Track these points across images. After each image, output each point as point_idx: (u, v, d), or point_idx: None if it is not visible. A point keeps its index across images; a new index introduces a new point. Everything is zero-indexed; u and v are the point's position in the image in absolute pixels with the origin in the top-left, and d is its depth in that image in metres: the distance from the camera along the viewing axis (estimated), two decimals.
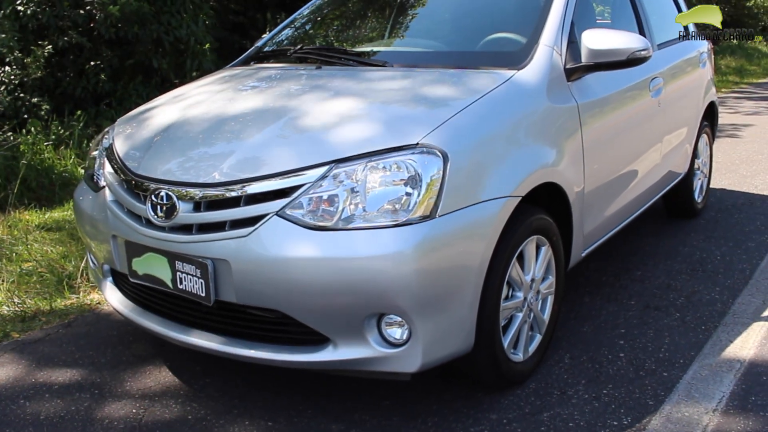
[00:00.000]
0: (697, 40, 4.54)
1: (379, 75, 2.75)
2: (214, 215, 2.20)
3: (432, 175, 2.10)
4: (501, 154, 2.34)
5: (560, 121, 2.66)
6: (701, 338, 2.93)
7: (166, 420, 2.44)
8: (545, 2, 2.90)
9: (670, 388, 2.54)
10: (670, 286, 3.49)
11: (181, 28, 7.74)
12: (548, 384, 2.59)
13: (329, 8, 3.70)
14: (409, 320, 2.08)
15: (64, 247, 4.33)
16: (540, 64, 2.64)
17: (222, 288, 2.20)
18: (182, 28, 7.74)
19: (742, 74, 16.43)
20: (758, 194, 5.26)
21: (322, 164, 2.13)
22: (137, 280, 2.46)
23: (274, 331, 2.26)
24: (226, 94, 2.80)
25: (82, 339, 3.12)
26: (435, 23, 3.28)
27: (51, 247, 4.31)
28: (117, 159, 2.58)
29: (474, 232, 2.17)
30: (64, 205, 5.42)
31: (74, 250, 4.27)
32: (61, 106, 7.33)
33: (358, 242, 2.05)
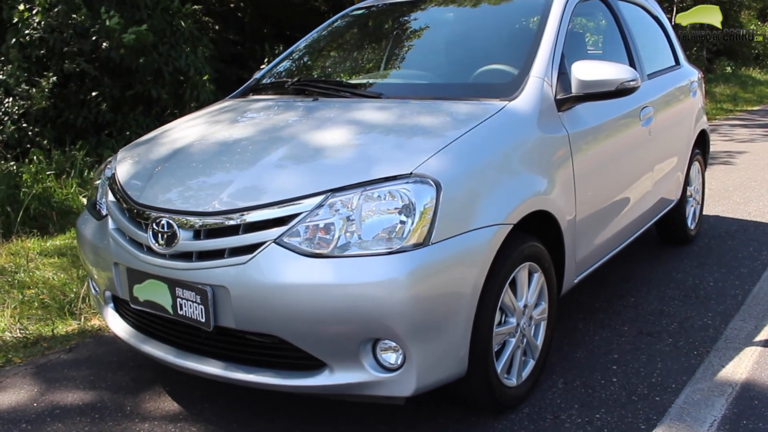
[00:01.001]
0: (688, 70, 4.65)
1: (374, 106, 2.84)
2: (213, 243, 2.26)
3: (425, 204, 2.16)
4: (493, 182, 2.41)
5: (551, 151, 2.73)
6: (693, 363, 2.97)
7: None
8: (535, 35, 3.00)
9: (662, 413, 2.57)
10: (663, 312, 3.54)
11: (180, 58, 7.88)
12: (541, 408, 2.63)
13: (325, 41, 3.80)
14: (403, 345, 2.13)
15: (66, 274, 4.38)
16: (531, 95, 2.73)
17: (221, 314, 2.26)
18: (181, 58, 7.88)
19: (736, 101, 16.61)
20: (751, 221, 5.33)
21: (319, 193, 2.19)
22: (138, 306, 2.51)
23: (271, 356, 2.30)
24: (226, 125, 2.88)
25: (84, 364, 3.16)
26: (428, 56, 3.37)
27: (52, 274, 4.37)
28: (119, 188, 2.65)
29: (466, 259, 2.23)
30: (65, 233, 5.48)
31: (75, 276, 4.33)
32: (63, 135, 7.44)
33: (353, 269, 2.11)
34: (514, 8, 3.43)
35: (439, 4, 3.63)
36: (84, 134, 7.63)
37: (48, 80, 6.97)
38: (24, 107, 6.92)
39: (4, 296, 3.98)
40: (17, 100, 6.90)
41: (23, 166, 6.42)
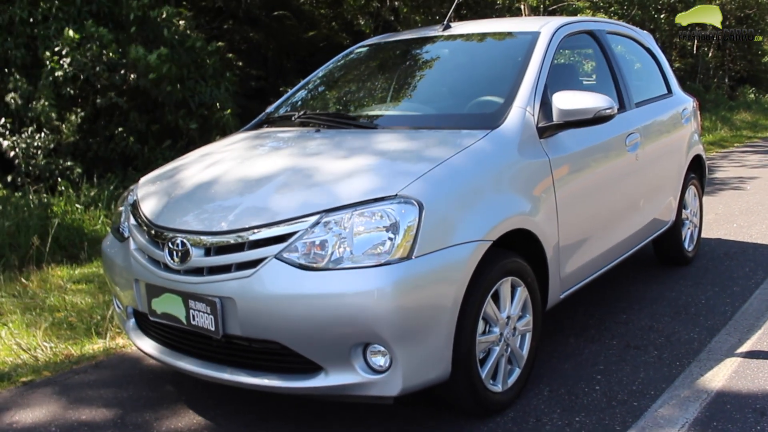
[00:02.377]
0: (682, 98, 4.86)
1: (369, 136, 3.12)
2: (221, 259, 2.53)
3: (409, 222, 2.41)
4: (472, 203, 2.65)
5: (532, 174, 2.97)
6: (674, 372, 3.15)
7: None
8: (520, 68, 3.25)
9: (638, 416, 2.76)
10: (652, 328, 3.72)
11: (205, 93, 8.27)
12: (525, 413, 2.83)
13: (330, 77, 4.10)
14: (389, 349, 2.36)
15: (93, 299, 4.68)
16: (513, 124, 2.98)
17: (229, 323, 2.51)
18: (206, 93, 8.27)
19: (756, 129, 16.66)
20: (752, 243, 5.47)
21: (314, 213, 2.46)
22: (156, 318, 2.78)
23: (274, 361, 2.55)
24: (236, 155, 3.17)
25: (108, 378, 3.43)
26: (422, 89, 3.65)
27: (80, 299, 4.66)
28: (140, 212, 2.94)
29: (446, 272, 2.47)
30: (93, 261, 5.80)
31: (101, 301, 4.62)
32: (91, 169, 7.82)
33: (345, 281, 2.36)
34: (505, 43, 3.70)
35: (434, 41, 3.92)
36: (112, 167, 8.00)
37: (77, 115, 7.37)
38: (55, 141, 7.32)
39: (36, 318, 4.28)
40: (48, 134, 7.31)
41: (53, 198, 6.79)
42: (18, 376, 3.50)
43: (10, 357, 3.75)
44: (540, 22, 3.67)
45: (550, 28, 3.53)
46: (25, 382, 3.42)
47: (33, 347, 3.82)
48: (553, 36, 3.48)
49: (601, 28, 4.09)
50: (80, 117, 7.35)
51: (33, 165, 7.31)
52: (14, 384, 3.42)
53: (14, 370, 3.57)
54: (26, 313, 4.35)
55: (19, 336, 4.00)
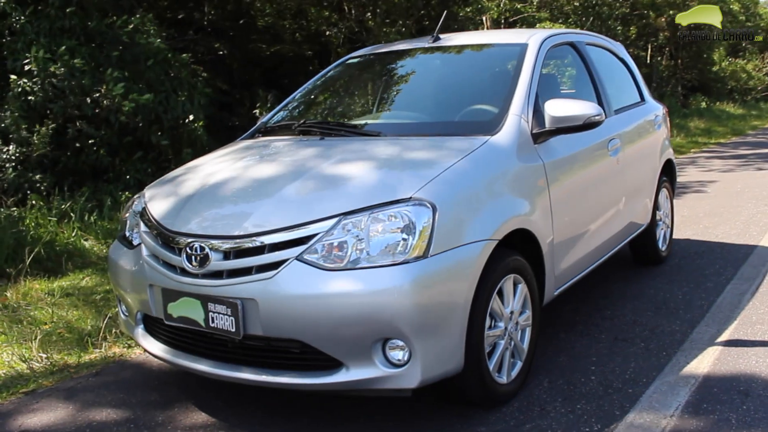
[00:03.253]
0: (653, 105, 5.11)
1: (375, 143, 3.25)
2: (242, 262, 2.62)
3: (423, 223, 2.55)
4: (479, 205, 2.81)
5: (529, 178, 3.14)
6: (662, 361, 3.35)
7: None
8: (513, 77, 3.43)
9: (634, 401, 2.94)
10: (636, 322, 3.92)
11: (177, 107, 8.27)
12: (530, 402, 2.98)
13: (325, 87, 4.22)
14: (409, 343, 2.48)
15: (79, 311, 4.67)
16: (510, 130, 3.14)
17: (250, 324, 2.60)
18: (178, 107, 8.27)
19: (710, 135, 17.29)
20: (718, 242, 5.76)
21: (333, 216, 2.58)
22: (172, 322, 2.84)
23: (293, 359, 2.65)
24: (245, 161, 3.26)
25: (112, 385, 3.46)
26: (419, 98, 3.80)
27: (66, 311, 4.65)
28: (152, 219, 3.00)
29: (459, 269, 2.61)
30: (69, 274, 5.76)
31: (87, 313, 4.62)
32: (61, 181, 7.72)
33: (364, 280, 2.48)
34: (494, 54, 3.87)
35: (425, 52, 4.08)
36: (82, 180, 7.91)
37: (48, 127, 7.28)
38: (24, 154, 7.21)
39: (24, 331, 4.26)
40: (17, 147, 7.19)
41: (24, 212, 6.70)
42: (17, 386, 3.50)
43: (3, 369, 3.74)
44: (526, 34, 3.86)
45: (537, 40, 3.72)
46: (26, 392, 3.43)
47: (27, 359, 3.82)
48: (541, 47, 3.67)
49: (580, 39, 4.31)
50: (51, 129, 7.26)
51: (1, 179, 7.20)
52: (14, 395, 3.42)
53: (11, 381, 3.57)
54: (12, 326, 4.33)
55: (10, 348, 3.99)
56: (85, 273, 5.73)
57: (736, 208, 7.35)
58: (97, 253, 6.40)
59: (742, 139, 16.64)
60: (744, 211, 7.14)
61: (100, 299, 4.92)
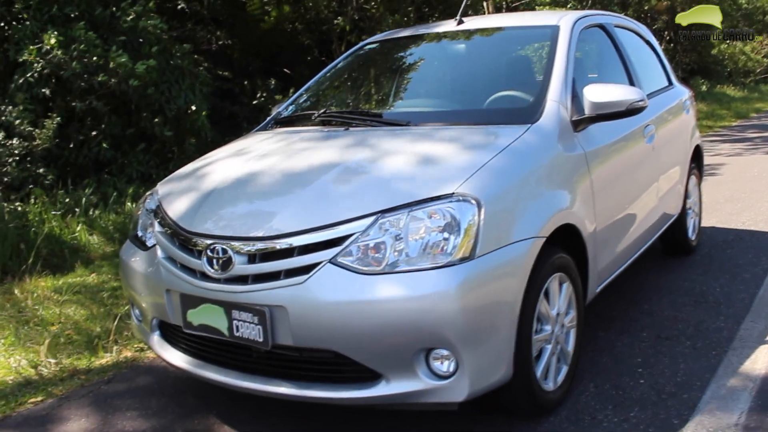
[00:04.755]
0: (680, 89, 4.89)
1: (406, 133, 3.00)
2: (269, 266, 2.40)
3: (468, 221, 2.33)
4: (525, 199, 2.59)
5: (572, 168, 2.92)
6: (713, 362, 3.14)
7: None
8: (548, 61, 3.20)
9: (692, 408, 2.73)
10: (677, 318, 3.71)
11: (180, 97, 8.05)
12: (578, 411, 2.78)
13: (342, 75, 3.98)
14: (456, 353, 2.27)
15: (87, 311, 4.46)
16: (550, 118, 2.92)
17: (278, 333, 2.39)
18: (180, 97, 8.05)
19: (714, 118, 17.06)
20: (746, 230, 5.55)
21: (369, 215, 2.35)
22: (191, 330, 2.63)
23: (327, 371, 2.43)
24: (266, 155, 3.03)
25: (126, 393, 3.26)
26: (446, 85, 3.57)
27: (73, 311, 4.45)
28: (168, 219, 2.78)
29: (508, 271, 2.40)
30: (76, 270, 5.56)
31: (96, 312, 4.41)
32: (64, 175, 7.53)
33: (406, 284, 2.26)
34: (523, 38, 3.64)
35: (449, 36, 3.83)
36: (84, 173, 7.73)
37: (53, 120, 7.09)
38: (27, 148, 7.02)
39: (30, 332, 4.06)
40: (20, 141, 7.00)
41: (28, 206, 6.51)
42: (26, 395, 3.29)
43: (11, 375, 3.53)
44: (555, 16, 3.63)
45: (568, 22, 3.48)
46: (36, 402, 3.23)
47: (35, 363, 3.61)
48: (573, 29, 3.43)
49: (609, 21, 4.07)
50: (57, 122, 7.06)
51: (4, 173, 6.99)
52: (23, 405, 3.21)
53: (19, 389, 3.36)
54: (19, 328, 4.12)
55: (18, 352, 3.79)
56: (91, 269, 5.53)
57: (757, 193, 7.14)
58: (103, 248, 6.21)
59: (748, 122, 16.42)
60: (766, 196, 6.93)
61: (108, 297, 4.73)
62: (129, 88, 7.18)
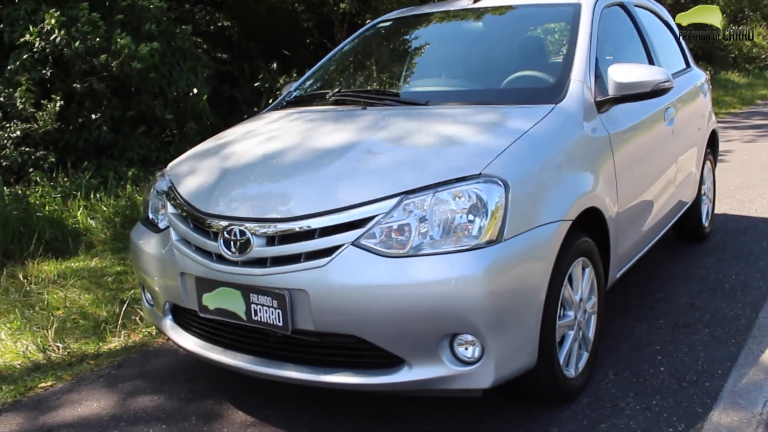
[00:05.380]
0: (698, 72, 4.81)
1: (424, 112, 2.93)
2: (289, 248, 2.33)
3: (496, 202, 2.26)
4: (552, 181, 2.52)
5: (596, 151, 2.85)
6: (733, 350, 3.09)
7: None
8: (570, 40, 3.12)
9: (715, 397, 2.68)
10: (693, 305, 3.66)
11: (182, 79, 7.95)
12: (599, 398, 2.72)
13: (355, 54, 3.88)
14: (482, 338, 2.21)
15: (92, 294, 4.40)
16: (575, 98, 2.84)
17: (299, 317, 2.32)
18: (182, 80, 7.95)
19: (720, 105, 16.93)
20: (759, 217, 5.50)
21: (393, 196, 2.28)
22: (207, 314, 2.56)
23: (347, 356, 2.37)
24: (282, 134, 2.95)
25: (137, 378, 3.20)
26: (463, 63, 3.48)
27: (78, 295, 4.38)
28: (181, 200, 2.71)
29: (535, 254, 2.33)
30: (79, 254, 5.50)
31: (101, 297, 4.35)
32: (64, 158, 7.44)
33: (431, 268, 2.20)
34: (543, 15, 3.56)
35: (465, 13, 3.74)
36: (85, 156, 7.64)
37: (55, 103, 6.99)
38: (27, 130, 6.92)
39: (35, 316, 4.00)
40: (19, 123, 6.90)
41: (29, 190, 6.43)
42: (35, 380, 3.23)
43: (18, 360, 3.48)
44: None
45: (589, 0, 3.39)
46: (45, 387, 3.17)
47: (44, 348, 3.55)
48: (595, 7, 3.35)
49: (629, 0, 3.98)
50: (59, 105, 6.96)
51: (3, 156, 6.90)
52: (33, 390, 3.16)
53: (27, 373, 3.31)
54: (25, 312, 4.06)
55: (24, 336, 3.73)
56: (94, 253, 5.46)
57: (766, 182, 7.07)
58: (105, 232, 6.13)
59: (754, 109, 16.30)
60: None
61: (112, 281, 4.67)
62: (131, 70, 7.07)
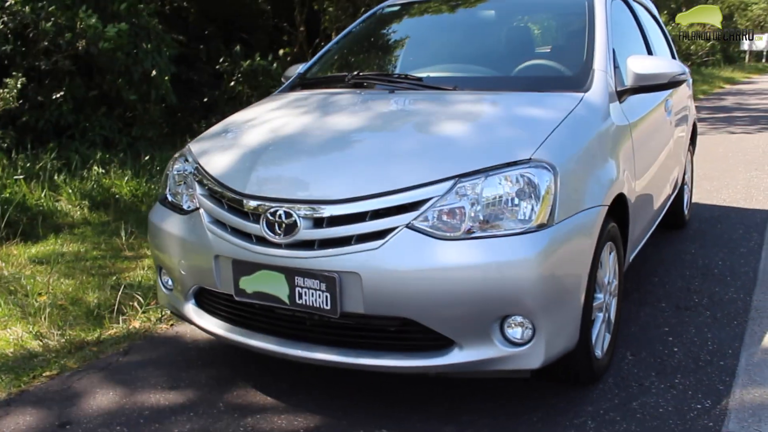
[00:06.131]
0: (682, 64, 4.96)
1: (457, 98, 2.92)
2: (338, 230, 2.31)
3: (546, 187, 2.30)
4: (590, 168, 2.58)
5: (621, 139, 2.93)
6: (738, 331, 3.24)
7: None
8: (588, 31, 3.17)
9: (732, 374, 2.82)
10: (689, 289, 3.81)
11: (147, 60, 7.73)
12: (624, 378, 2.82)
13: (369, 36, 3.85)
14: (534, 320, 2.25)
15: (74, 280, 4.26)
16: (600, 87, 2.90)
17: (348, 300, 2.31)
18: (147, 60, 7.74)
19: None
20: (729, 206, 5.75)
21: (448, 178, 2.29)
22: (244, 298, 2.52)
23: (392, 339, 2.38)
24: (313, 114, 2.91)
25: (149, 365, 3.12)
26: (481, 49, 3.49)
27: (58, 280, 4.23)
28: (212, 180, 2.64)
29: (581, 238, 2.39)
30: (48, 239, 5.30)
31: (86, 282, 4.22)
32: (23, 138, 7.14)
33: (485, 251, 2.22)
34: (557, 3, 3.60)
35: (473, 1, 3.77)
36: (45, 137, 7.36)
37: (16, 80, 6.70)
38: None
39: (20, 302, 3.84)
40: None
41: None
42: (37, 369, 3.11)
43: (10, 348, 3.33)
44: None
45: None
46: (51, 376, 3.06)
47: (40, 335, 3.42)
48: None
49: None
50: (21, 82, 6.66)
51: None
52: (37, 378, 3.04)
53: (27, 363, 3.17)
54: (8, 298, 3.88)
55: (14, 324, 3.58)
56: (63, 237, 5.27)
57: (729, 172, 7.40)
58: (73, 215, 5.93)
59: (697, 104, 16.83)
60: (738, 175, 7.19)
61: (91, 265, 4.52)
62: (97, 50, 6.83)
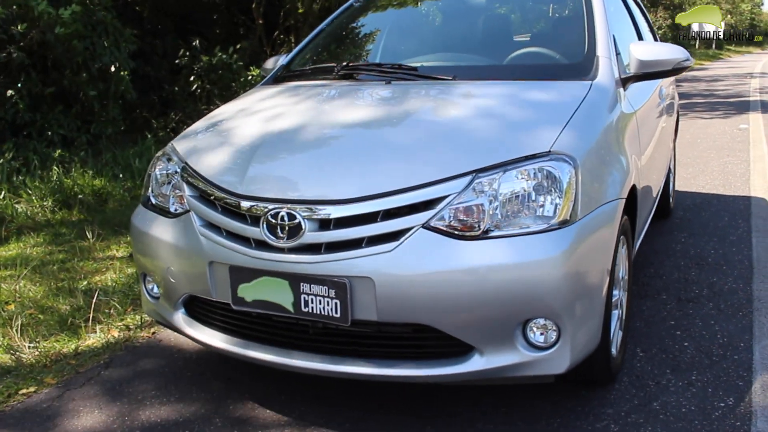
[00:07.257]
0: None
1: (459, 88, 2.76)
2: (347, 233, 2.14)
3: (567, 181, 2.16)
4: (608, 158, 2.46)
5: (629, 128, 2.82)
6: (745, 323, 3.17)
7: None
8: (587, 18, 3.05)
9: (749, 369, 2.73)
10: (687, 280, 3.74)
11: (105, 55, 7.42)
12: (638, 376, 2.71)
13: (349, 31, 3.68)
14: (559, 322, 2.12)
15: (42, 286, 4.01)
16: (606, 75, 2.78)
17: (359, 307, 2.15)
18: (106, 55, 7.42)
19: None
20: (709, 193, 5.74)
21: (465, 174, 2.14)
22: (243, 307, 2.33)
23: (406, 347, 2.23)
24: (302, 108, 2.72)
25: (134, 378, 2.91)
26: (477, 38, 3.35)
27: (24, 287, 3.98)
28: (204, 180, 2.44)
29: (603, 233, 2.27)
30: (9, 242, 5.02)
31: (54, 288, 3.97)
32: None
33: (506, 250, 2.08)
34: None
35: None
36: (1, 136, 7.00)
37: None
38: None
39: None
40: None
41: None
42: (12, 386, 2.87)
43: None
44: None
45: None
46: (28, 394, 2.82)
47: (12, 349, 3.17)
48: None
49: None
50: None
51: None
52: (12, 397, 2.81)
53: None
54: None
55: None
56: (26, 241, 4.99)
57: (701, 159, 7.43)
58: (34, 217, 5.64)
59: None
60: (711, 162, 7.22)
61: (59, 270, 4.27)
62: (53, 37, 6.49)
